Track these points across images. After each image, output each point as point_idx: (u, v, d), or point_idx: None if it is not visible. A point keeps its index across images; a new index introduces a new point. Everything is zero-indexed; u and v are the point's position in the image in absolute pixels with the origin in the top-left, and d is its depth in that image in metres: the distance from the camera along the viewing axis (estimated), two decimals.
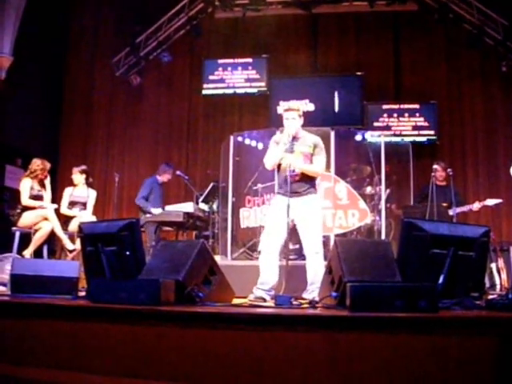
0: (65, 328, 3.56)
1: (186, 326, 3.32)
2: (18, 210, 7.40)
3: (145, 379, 3.27)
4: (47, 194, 7.62)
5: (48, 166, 7.68)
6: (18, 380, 3.46)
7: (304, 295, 5.23)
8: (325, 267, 4.73)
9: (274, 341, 3.15)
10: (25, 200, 7.37)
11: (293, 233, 5.61)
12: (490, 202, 7.86)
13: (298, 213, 5.33)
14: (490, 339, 2.98)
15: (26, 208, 7.35)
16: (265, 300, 5.18)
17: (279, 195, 5.52)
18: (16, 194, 7.58)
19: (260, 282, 5.33)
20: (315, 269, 5.28)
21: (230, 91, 11.04)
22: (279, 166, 5.55)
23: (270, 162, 5.61)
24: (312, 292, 5.15)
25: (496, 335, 2.99)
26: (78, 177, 8.06)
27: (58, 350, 3.51)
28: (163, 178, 8.93)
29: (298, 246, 6.57)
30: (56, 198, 8.11)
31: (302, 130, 5.65)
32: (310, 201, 5.46)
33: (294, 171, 5.35)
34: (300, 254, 6.37)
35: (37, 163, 7.61)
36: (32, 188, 7.47)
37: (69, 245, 7.34)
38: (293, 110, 5.56)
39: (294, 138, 5.49)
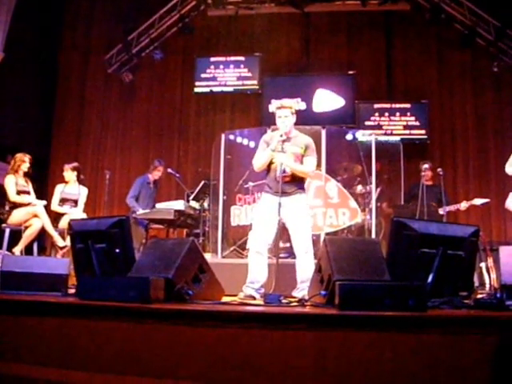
0: (54, 325, 3.55)
1: (176, 323, 3.32)
2: (7, 208, 7.38)
3: (133, 376, 3.26)
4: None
5: (27, 157, 7.64)
6: (5, 376, 3.45)
7: (293, 294, 5.24)
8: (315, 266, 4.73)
9: (263, 339, 3.15)
10: (13, 196, 7.36)
11: (283, 231, 5.61)
12: (478, 201, 7.91)
13: (287, 212, 5.33)
14: (479, 338, 3.00)
15: (16, 205, 7.34)
16: (254, 298, 5.18)
17: (268, 194, 5.51)
18: (4, 191, 7.56)
19: (250, 281, 5.33)
20: (305, 268, 5.28)
21: (222, 89, 11.03)
22: (269, 165, 5.54)
23: (258, 163, 5.57)
24: (302, 290, 5.15)
25: (484, 334, 3.01)
26: (69, 174, 8.05)
27: (47, 347, 3.50)
28: (154, 175, 8.91)
29: (288, 245, 6.58)
30: (47, 195, 8.09)
31: (295, 129, 5.65)
32: (299, 200, 5.45)
33: (284, 171, 5.34)
34: (290, 253, 6.37)
35: (17, 157, 7.62)
36: (17, 183, 7.46)
37: (59, 242, 7.33)
38: (286, 108, 5.53)
39: (287, 138, 5.48)
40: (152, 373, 3.23)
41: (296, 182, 5.48)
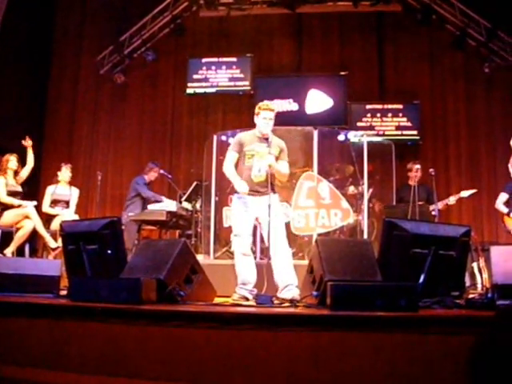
0: (46, 326, 3.54)
1: (168, 324, 3.32)
2: None
3: (125, 378, 3.26)
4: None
5: (13, 156, 7.65)
6: None
7: (278, 295, 5.14)
8: (303, 266, 4.74)
9: (255, 340, 3.15)
10: (3, 197, 7.35)
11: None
12: (465, 193, 7.98)
13: (261, 212, 5.36)
14: (470, 338, 3.00)
15: (7, 207, 7.32)
16: (248, 299, 5.19)
17: (242, 194, 5.51)
18: None
19: (242, 282, 5.33)
20: (285, 268, 5.27)
21: (214, 90, 11.00)
22: (237, 164, 5.61)
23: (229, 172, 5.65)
24: (289, 291, 5.12)
25: (475, 334, 3.01)
26: (67, 173, 8.08)
27: (38, 349, 3.49)
28: (150, 176, 8.93)
29: None
30: (38, 196, 8.06)
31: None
32: (272, 200, 5.43)
33: (260, 171, 5.44)
34: None
35: (3, 158, 7.64)
36: (7, 184, 7.46)
37: (51, 243, 7.32)
38: (272, 111, 5.61)
39: (265, 140, 5.53)
40: (144, 374, 3.23)
41: (270, 182, 5.48)
